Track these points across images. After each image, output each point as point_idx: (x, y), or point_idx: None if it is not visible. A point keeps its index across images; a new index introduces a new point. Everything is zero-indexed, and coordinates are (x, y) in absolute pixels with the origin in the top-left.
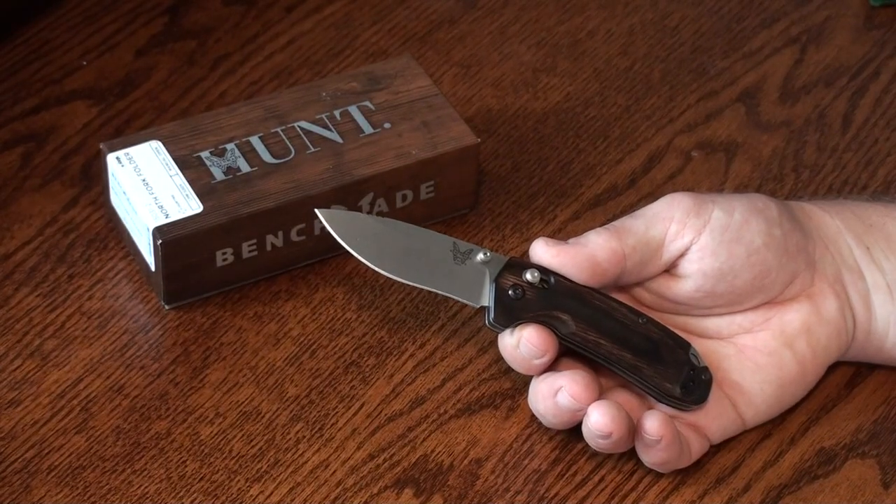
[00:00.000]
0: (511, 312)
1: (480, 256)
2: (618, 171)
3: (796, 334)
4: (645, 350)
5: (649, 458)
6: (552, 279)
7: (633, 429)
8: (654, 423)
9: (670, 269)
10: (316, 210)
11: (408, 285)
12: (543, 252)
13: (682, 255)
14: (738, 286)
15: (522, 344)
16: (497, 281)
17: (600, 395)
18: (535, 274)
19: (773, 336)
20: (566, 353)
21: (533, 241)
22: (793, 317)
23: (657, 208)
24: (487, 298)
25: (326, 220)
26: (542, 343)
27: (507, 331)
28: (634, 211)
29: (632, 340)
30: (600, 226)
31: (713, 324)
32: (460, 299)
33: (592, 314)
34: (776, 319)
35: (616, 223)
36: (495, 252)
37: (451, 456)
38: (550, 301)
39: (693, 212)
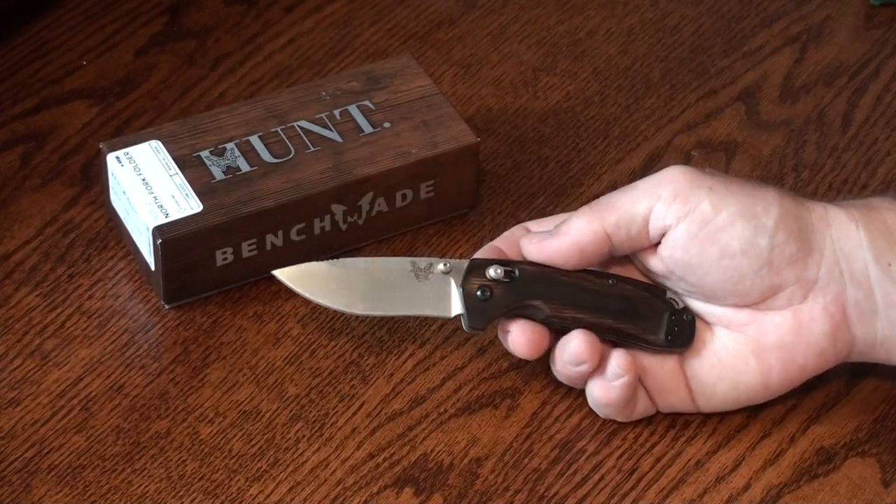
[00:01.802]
0: (485, 313)
1: (440, 267)
2: (618, 170)
3: (769, 347)
4: (622, 310)
5: (603, 394)
6: (516, 270)
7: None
8: (622, 359)
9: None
10: (273, 272)
11: (383, 317)
12: (529, 250)
13: (663, 235)
14: (709, 283)
15: (513, 346)
16: (464, 287)
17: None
18: (499, 270)
19: (745, 341)
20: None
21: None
22: (770, 329)
23: (650, 182)
24: (459, 306)
25: (286, 279)
26: (529, 337)
27: (501, 334)
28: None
29: (607, 305)
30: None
31: (696, 305)
32: (434, 315)
33: (562, 292)
34: (755, 326)
35: (603, 198)
36: (454, 258)
37: (451, 455)
38: (519, 291)
39: (682, 196)
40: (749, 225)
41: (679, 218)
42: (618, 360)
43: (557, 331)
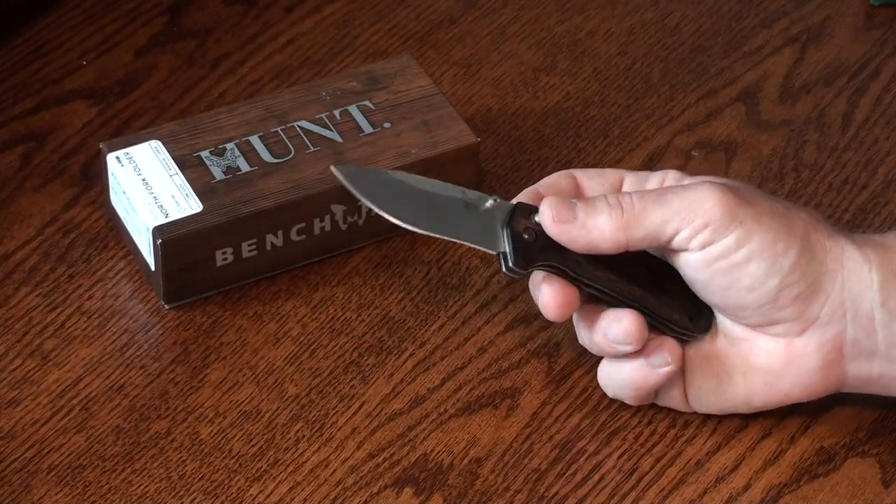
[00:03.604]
0: (529, 255)
1: (489, 203)
2: None
3: (756, 369)
4: (652, 283)
5: (641, 377)
6: None
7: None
8: (675, 349)
9: None
10: (332, 167)
11: (427, 235)
12: (549, 223)
13: (679, 250)
14: (712, 300)
15: (544, 306)
16: (511, 226)
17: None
18: None
19: (737, 355)
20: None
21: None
22: (761, 353)
23: (686, 204)
24: (504, 244)
25: (343, 176)
26: (562, 301)
27: (533, 289)
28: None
29: (640, 274)
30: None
31: None
32: (479, 247)
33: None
34: (748, 343)
35: (637, 203)
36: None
37: (451, 455)
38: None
39: (712, 227)
40: (766, 264)
41: (701, 245)
42: (671, 348)
43: (586, 292)
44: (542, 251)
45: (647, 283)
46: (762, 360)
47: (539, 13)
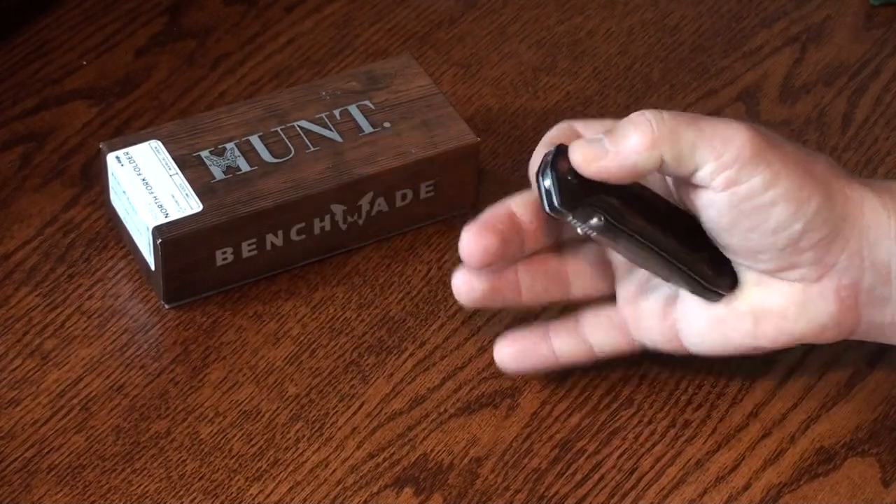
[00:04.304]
0: (575, 195)
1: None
2: None
3: (769, 313)
4: (682, 235)
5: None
6: None
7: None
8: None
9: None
10: None
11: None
12: (579, 160)
13: (704, 187)
14: (727, 241)
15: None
16: (556, 167)
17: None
18: None
19: (746, 300)
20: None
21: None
22: (775, 297)
23: (717, 134)
24: (547, 182)
25: None
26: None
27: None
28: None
29: (672, 225)
30: None
31: None
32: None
33: (639, 198)
34: (760, 290)
35: (667, 117)
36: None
37: (451, 455)
38: (603, 186)
39: (740, 164)
40: (792, 208)
41: (727, 185)
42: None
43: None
44: (587, 191)
45: (680, 235)
46: (777, 304)
47: (539, 13)
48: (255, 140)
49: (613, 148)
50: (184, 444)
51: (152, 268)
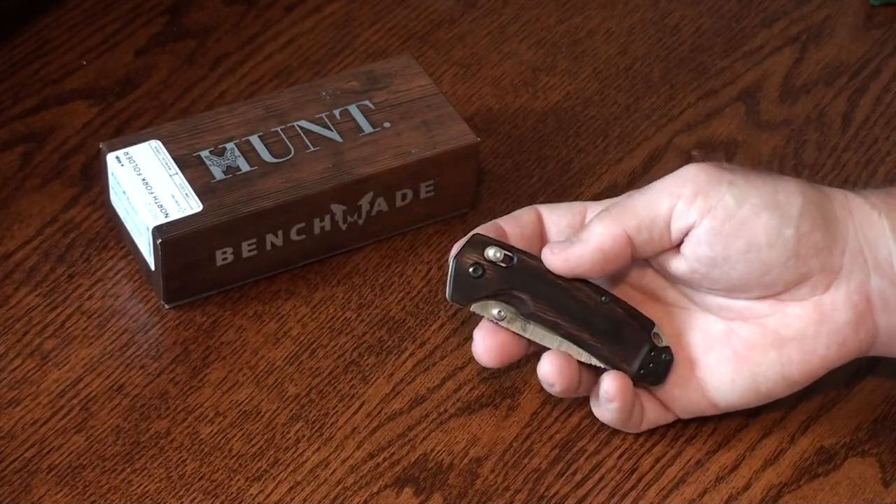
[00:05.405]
0: (470, 290)
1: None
2: (618, 170)
3: (789, 339)
4: (604, 329)
5: (599, 413)
6: (515, 258)
7: (580, 382)
8: (612, 384)
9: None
10: None
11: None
12: (552, 261)
13: (686, 234)
14: (734, 277)
15: (476, 352)
16: (458, 258)
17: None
18: (499, 253)
19: (764, 333)
20: None
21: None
22: (791, 321)
23: (668, 182)
24: (450, 272)
25: None
26: (491, 344)
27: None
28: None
29: (591, 320)
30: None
31: (714, 301)
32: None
33: (553, 293)
34: (775, 318)
35: (620, 200)
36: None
37: (451, 455)
38: (510, 280)
39: (703, 193)
40: (774, 215)
41: (702, 214)
42: (607, 384)
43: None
44: (485, 288)
45: (601, 329)
46: (794, 328)
47: (539, 13)
48: (255, 140)
49: (577, 240)
50: (184, 444)
51: (152, 268)
